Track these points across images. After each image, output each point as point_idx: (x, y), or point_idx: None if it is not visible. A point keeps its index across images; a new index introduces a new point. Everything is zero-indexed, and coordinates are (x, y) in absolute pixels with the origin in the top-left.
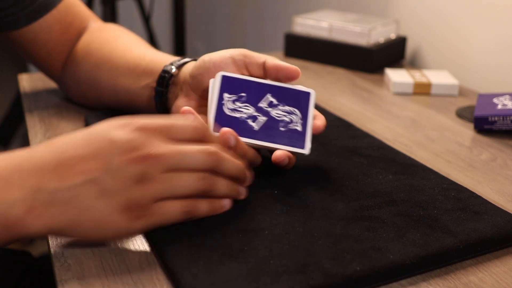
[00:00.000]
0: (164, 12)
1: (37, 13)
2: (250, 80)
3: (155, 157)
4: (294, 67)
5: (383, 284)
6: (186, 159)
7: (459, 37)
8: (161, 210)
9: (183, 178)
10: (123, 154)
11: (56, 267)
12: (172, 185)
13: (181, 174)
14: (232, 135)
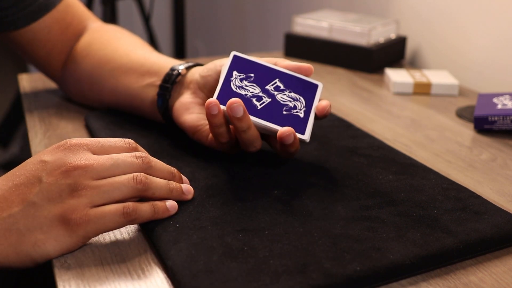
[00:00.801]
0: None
1: (37, 13)
2: (261, 64)
3: (84, 166)
4: (306, 65)
5: (383, 284)
6: (117, 165)
7: (459, 37)
8: (98, 214)
9: (115, 180)
10: (53, 171)
11: (56, 267)
12: (105, 189)
13: (114, 178)
14: (241, 105)
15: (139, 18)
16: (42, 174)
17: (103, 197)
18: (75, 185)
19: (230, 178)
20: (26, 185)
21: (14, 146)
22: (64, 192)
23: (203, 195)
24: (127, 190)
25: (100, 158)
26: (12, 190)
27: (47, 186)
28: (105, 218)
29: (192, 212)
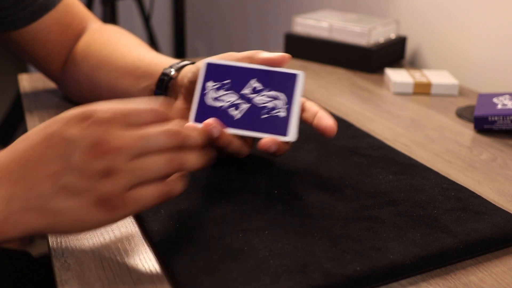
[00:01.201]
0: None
1: (37, 13)
2: (236, 66)
3: (117, 149)
4: (278, 56)
5: (383, 284)
6: (149, 144)
7: (459, 37)
8: (135, 198)
9: (150, 163)
10: (83, 153)
11: (56, 267)
12: (140, 172)
13: (148, 159)
14: (215, 126)
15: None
16: (72, 153)
17: (138, 180)
18: (108, 169)
19: (230, 178)
20: (55, 163)
21: None
22: (98, 175)
23: (203, 195)
24: (161, 173)
25: (132, 138)
26: (39, 165)
27: (79, 168)
28: (141, 201)
29: (192, 212)
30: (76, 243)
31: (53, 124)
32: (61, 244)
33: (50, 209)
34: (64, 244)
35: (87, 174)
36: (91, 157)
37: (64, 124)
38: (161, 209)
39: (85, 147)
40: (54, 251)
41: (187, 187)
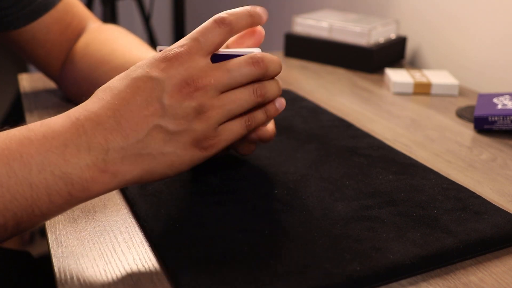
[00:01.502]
0: (164, 12)
1: (36, 13)
2: None
3: (204, 86)
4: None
5: (383, 284)
6: (234, 77)
7: (459, 37)
8: (227, 133)
9: (237, 95)
10: (173, 92)
11: (56, 267)
12: (229, 107)
13: (235, 92)
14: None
15: (139, 18)
16: (161, 94)
17: (228, 115)
18: (200, 107)
19: (230, 178)
20: (146, 107)
21: None
22: (191, 116)
23: (203, 195)
24: (247, 105)
25: (216, 72)
26: (131, 112)
27: (171, 109)
28: (232, 136)
29: (192, 212)
30: (76, 243)
31: (136, 69)
32: (61, 244)
33: (147, 155)
34: (64, 244)
35: (180, 114)
36: (181, 96)
37: (147, 67)
38: (161, 209)
39: (174, 87)
40: (54, 251)
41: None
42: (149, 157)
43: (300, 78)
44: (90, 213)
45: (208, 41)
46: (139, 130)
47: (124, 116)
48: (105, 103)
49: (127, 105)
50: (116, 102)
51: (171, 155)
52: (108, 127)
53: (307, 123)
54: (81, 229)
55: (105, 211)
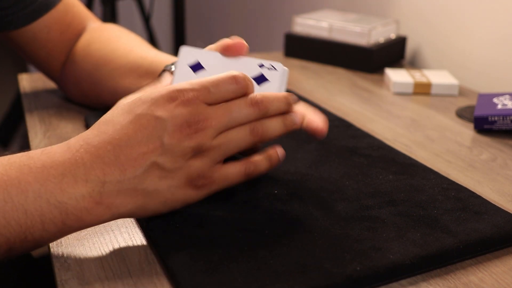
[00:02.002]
0: (164, 12)
1: (37, 13)
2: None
3: (205, 127)
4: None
5: (383, 284)
6: (234, 117)
7: (459, 37)
8: (223, 176)
9: (234, 135)
10: (174, 133)
11: (56, 267)
12: (225, 147)
13: (232, 131)
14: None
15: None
16: (162, 134)
17: (224, 154)
18: (198, 147)
19: None
20: (146, 144)
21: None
22: (188, 154)
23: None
24: (244, 144)
25: (217, 113)
26: (131, 148)
27: (170, 148)
28: (229, 179)
29: (192, 212)
30: (76, 243)
31: (141, 105)
32: (61, 244)
33: (142, 190)
34: (64, 244)
35: (178, 153)
36: (182, 137)
37: (152, 105)
38: None
39: (175, 128)
40: (54, 251)
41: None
42: (144, 192)
43: (300, 78)
44: None
45: (218, 93)
46: (136, 166)
47: (123, 152)
48: (106, 137)
49: (127, 141)
50: (117, 137)
51: (165, 192)
52: (107, 161)
53: None
54: None
55: None
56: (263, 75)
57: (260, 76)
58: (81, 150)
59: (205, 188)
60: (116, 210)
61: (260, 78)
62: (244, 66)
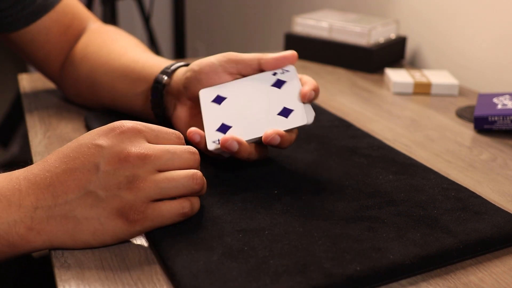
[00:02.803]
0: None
1: (35, 14)
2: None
3: (142, 157)
4: (289, 53)
5: (383, 284)
6: (173, 159)
7: (459, 37)
8: (156, 213)
9: (173, 177)
10: (111, 160)
11: (56, 267)
12: (163, 185)
13: (171, 173)
14: (234, 140)
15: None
16: (99, 160)
17: (160, 193)
18: (133, 177)
19: (230, 178)
20: (82, 171)
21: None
22: (122, 184)
23: (203, 195)
24: (184, 189)
25: (157, 149)
26: (67, 174)
27: (104, 176)
28: (163, 217)
29: None
30: None
31: (87, 136)
32: None
33: (73, 217)
34: None
35: (112, 181)
36: (118, 163)
37: (96, 134)
38: None
39: (112, 154)
40: (54, 251)
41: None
42: (74, 220)
43: None
44: None
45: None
46: (69, 192)
47: (59, 178)
48: (46, 165)
49: (65, 168)
50: (56, 165)
51: (94, 221)
52: (42, 187)
53: None
54: None
55: None
56: (279, 80)
57: (277, 82)
58: (21, 177)
59: (137, 224)
60: (47, 237)
61: (278, 83)
62: (260, 80)
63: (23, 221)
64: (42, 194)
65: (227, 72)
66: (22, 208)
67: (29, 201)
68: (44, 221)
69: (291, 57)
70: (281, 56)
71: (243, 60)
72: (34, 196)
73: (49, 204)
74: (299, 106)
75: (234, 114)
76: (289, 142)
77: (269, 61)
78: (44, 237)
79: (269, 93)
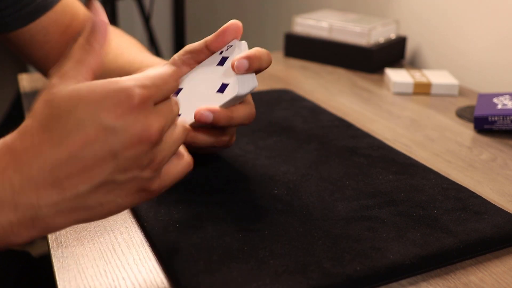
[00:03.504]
0: (164, 12)
1: (33, 14)
2: None
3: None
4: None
5: (383, 284)
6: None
7: (459, 37)
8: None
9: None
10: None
11: (56, 267)
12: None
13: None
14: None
15: (139, 18)
16: (115, 147)
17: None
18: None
19: (230, 178)
20: (94, 160)
21: None
22: (144, 164)
23: (203, 195)
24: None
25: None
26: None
27: (124, 161)
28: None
29: (192, 212)
30: (76, 243)
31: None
32: (61, 244)
33: (85, 207)
34: (64, 244)
35: (134, 165)
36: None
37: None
38: (161, 209)
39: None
40: (54, 251)
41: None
42: (86, 209)
43: (300, 78)
44: None
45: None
46: (79, 184)
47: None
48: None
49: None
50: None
51: (111, 204)
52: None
53: (307, 123)
54: (81, 229)
55: None
56: (223, 57)
57: (221, 60)
58: (9, 168)
59: (156, 192)
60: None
61: (222, 61)
62: (208, 63)
63: (21, 222)
64: (45, 191)
65: (185, 64)
66: (19, 209)
67: (27, 199)
68: (50, 218)
69: (232, 29)
70: (221, 30)
71: (194, 48)
72: (35, 194)
73: (55, 201)
74: (233, 78)
75: (184, 102)
76: (228, 118)
77: (212, 40)
78: (49, 230)
79: (214, 73)
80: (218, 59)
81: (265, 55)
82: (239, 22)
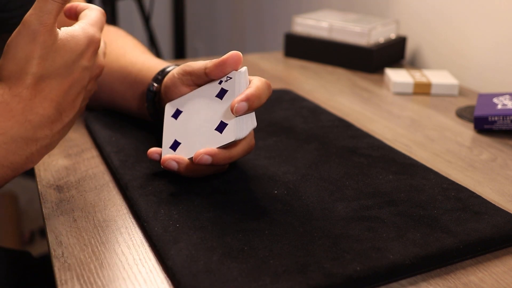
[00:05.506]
0: (164, 12)
1: None
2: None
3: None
4: (228, 55)
5: (383, 284)
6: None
7: (459, 37)
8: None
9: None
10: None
11: (56, 267)
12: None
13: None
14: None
15: (139, 18)
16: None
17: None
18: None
19: (230, 178)
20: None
21: None
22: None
23: (203, 195)
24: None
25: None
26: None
27: (87, 92)
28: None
29: (192, 212)
30: (76, 242)
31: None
32: (61, 244)
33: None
34: (64, 244)
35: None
36: (94, 79)
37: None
38: (161, 209)
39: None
40: (54, 251)
41: (188, 188)
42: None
43: (300, 78)
44: (90, 213)
45: None
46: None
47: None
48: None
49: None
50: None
51: (82, 108)
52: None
53: (307, 123)
54: (81, 229)
55: (105, 211)
56: (222, 89)
57: (220, 91)
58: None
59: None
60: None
61: (221, 93)
62: (208, 91)
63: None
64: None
65: (184, 84)
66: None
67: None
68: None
69: (232, 61)
70: (221, 61)
71: (193, 71)
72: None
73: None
74: (232, 120)
75: (185, 129)
76: (228, 159)
77: (212, 69)
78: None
79: (213, 105)
80: (217, 89)
81: (265, 90)
82: (239, 54)
